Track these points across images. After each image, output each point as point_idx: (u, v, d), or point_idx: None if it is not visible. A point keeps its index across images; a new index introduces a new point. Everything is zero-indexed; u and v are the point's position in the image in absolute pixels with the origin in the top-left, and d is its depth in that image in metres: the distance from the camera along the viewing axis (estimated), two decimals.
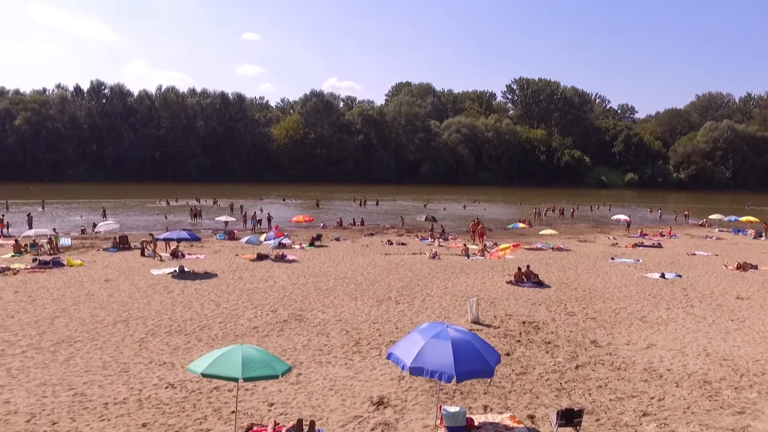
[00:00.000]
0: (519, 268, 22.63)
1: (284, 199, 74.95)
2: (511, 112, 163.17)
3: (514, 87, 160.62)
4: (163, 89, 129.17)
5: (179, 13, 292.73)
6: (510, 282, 22.17)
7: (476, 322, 16.03)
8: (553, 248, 33.25)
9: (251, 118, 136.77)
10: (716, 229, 46.11)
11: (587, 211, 65.41)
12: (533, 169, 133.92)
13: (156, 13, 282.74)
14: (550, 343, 14.41)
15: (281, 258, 27.88)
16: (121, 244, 30.47)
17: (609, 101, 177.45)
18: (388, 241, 34.93)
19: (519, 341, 14.52)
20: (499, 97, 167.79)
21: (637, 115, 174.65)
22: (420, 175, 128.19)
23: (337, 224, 47.03)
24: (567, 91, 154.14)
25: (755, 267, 26.66)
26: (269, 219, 44.92)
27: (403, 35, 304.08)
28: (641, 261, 28.77)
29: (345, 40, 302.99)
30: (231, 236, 36.45)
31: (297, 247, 32.26)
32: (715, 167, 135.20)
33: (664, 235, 41.16)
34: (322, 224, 46.02)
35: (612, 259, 29.29)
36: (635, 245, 34.99)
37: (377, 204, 69.89)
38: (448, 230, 41.51)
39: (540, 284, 21.87)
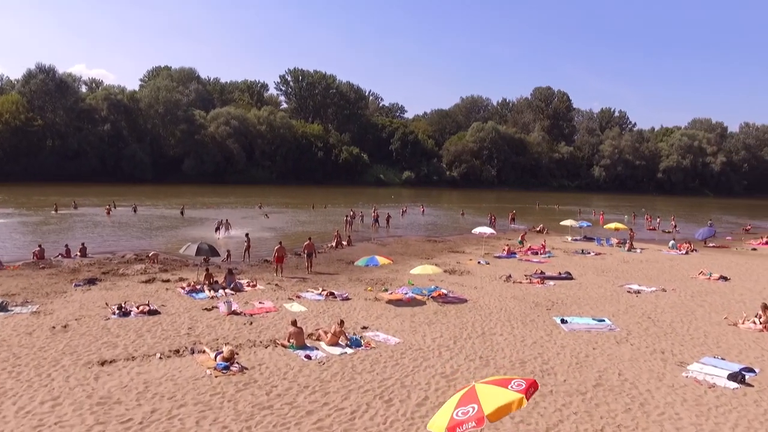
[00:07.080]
0: None
1: None
2: (285, 105, 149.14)
3: (288, 78, 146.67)
4: None
5: None
6: None
7: None
8: (432, 296, 19.07)
9: None
10: (569, 238, 37.66)
11: (398, 217, 53.65)
12: (310, 166, 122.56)
13: None
14: None
15: None
16: None
17: (382, 99, 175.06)
18: (122, 306, 16.61)
19: None
20: (272, 89, 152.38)
21: (406, 115, 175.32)
22: (182, 173, 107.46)
23: (36, 257, 26.55)
24: (342, 86, 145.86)
25: None
26: None
27: (164, 20, 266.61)
28: (609, 322, 16.17)
29: (95, 21, 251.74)
30: None
31: None
32: (483, 166, 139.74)
33: (538, 253, 30.37)
34: None
35: (563, 322, 16.06)
36: (541, 280, 22.66)
37: (135, 211, 49.39)
38: (235, 268, 24.75)
39: None
